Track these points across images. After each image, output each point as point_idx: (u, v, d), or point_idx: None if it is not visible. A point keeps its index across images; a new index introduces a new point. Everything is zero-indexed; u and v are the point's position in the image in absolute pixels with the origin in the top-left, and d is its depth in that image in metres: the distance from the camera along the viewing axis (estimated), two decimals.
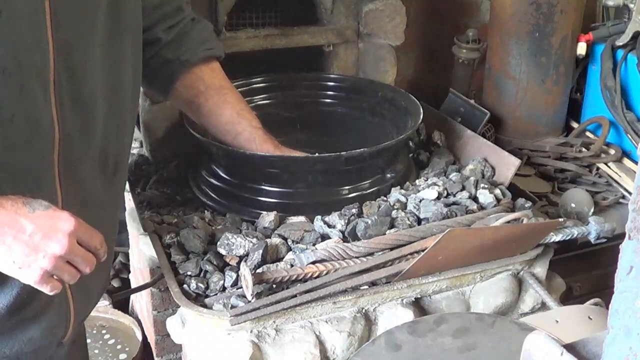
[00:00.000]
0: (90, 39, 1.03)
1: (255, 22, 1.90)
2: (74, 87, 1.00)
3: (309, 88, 1.94)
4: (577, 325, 1.32)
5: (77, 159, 1.05)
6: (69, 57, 0.98)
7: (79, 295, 1.13)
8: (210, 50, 1.45)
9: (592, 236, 1.53)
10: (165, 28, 1.36)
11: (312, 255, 1.34)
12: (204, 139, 1.55)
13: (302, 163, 1.52)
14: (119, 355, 2.15)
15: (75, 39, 0.99)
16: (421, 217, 1.51)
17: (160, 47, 1.37)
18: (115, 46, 1.09)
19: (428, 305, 1.44)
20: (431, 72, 2.55)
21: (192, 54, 1.41)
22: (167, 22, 1.36)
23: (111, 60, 1.08)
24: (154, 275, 1.64)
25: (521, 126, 2.16)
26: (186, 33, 1.40)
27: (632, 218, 0.58)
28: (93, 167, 1.10)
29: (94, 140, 1.08)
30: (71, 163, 1.04)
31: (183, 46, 1.40)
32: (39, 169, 1.00)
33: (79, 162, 1.06)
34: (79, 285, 1.06)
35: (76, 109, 1.02)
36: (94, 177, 1.11)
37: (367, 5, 1.93)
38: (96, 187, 1.12)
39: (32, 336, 1.08)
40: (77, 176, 1.06)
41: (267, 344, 1.29)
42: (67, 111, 1.00)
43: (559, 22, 2.02)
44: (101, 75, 1.06)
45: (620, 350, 0.60)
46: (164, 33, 1.36)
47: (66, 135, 1.01)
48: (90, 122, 1.06)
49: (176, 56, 1.39)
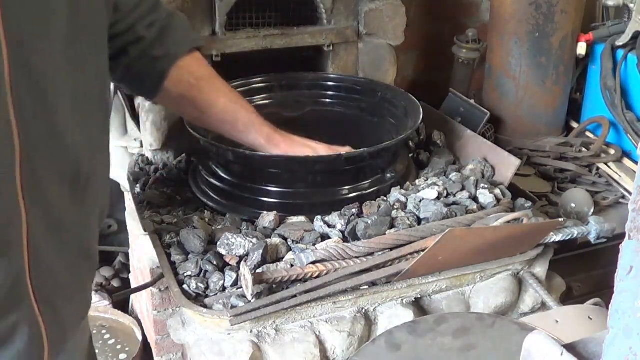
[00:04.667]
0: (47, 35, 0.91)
1: (255, 22, 1.90)
2: (36, 93, 0.88)
3: (309, 88, 1.94)
4: (577, 325, 1.32)
5: (43, 174, 0.92)
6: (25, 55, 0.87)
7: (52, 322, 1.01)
8: (194, 42, 1.45)
9: (592, 236, 1.53)
10: (146, 25, 1.32)
11: (312, 255, 1.34)
12: (204, 139, 1.55)
13: (302, 163, 1.53)
14: (119, 355, 2.15)
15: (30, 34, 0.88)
16: (421, 217, 1.51)
17: (146, 45, 1.33)
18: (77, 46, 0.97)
19: (428, 305, 1.44)
20: (431, 72, 2.55)
21: (180, 48, 1.40)
22: (146, 20, 1.33)
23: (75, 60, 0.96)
24: (154, 275, 1.64)
25: (521, 126, 2.16)
26: (168, 27, 1.38)
27: (632, 218, 0.58)
28: (62, 184, 0.96)
29: (61, 152, 0.94)
30: (36, 178, 0.90)
31: (168, 41, 1.37)
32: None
33: (46, 177, 0.92)
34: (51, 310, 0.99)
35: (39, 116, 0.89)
36: (63, 195, 0.97)
37: (367, 5, 1.93)
38: (65, 207, 0.98)
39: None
40: (43, 194, 0.93)
41: (267, 344, 1.29)
42: (28, 119, 0.87)
43: (559, 22, 2.02)
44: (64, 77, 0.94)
45: (620, 350, 0.60)
46: (146, 30, 1.32)
47: (29, 148, 0.88)
48: (56, 132, 0.93)
49: (164, 52, 1.37)
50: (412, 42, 2.36)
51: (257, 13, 1.91)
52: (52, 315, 1.00)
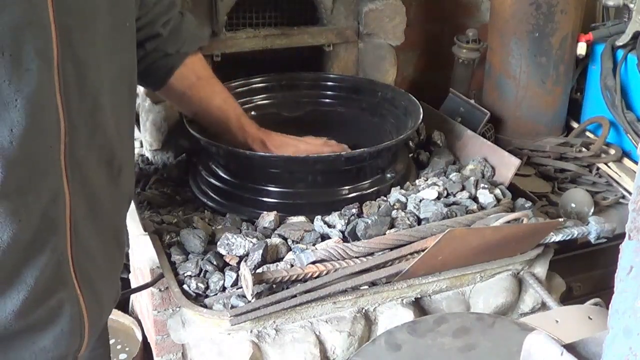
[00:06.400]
0: (92, 25, 0.99)
1: (255, 22, 1.90)
2: (79, 76, 0.96)
3: (309, 88, 1.94)
4: (577, 325, 1.32)
5: (83, 153, 0.99)
6: (72, 42, 0.94)
7: (91, 302, 1.07)
8: (201, 41, 1.52)
9: (592, 236, 1.53)
10: (162, 23, 1.39)
11: (312, 255, 1.34)
12: (204, 139, 1.55)
13: (302, 163, 1.53)
14: (119, 355, 2.15)
15: (78, 23, 0.95)
16: (421, 217, 1.51)
17: (160, 41, 1.40)
18: (117, 36, 1.05)
19: (428, 305, 1.44)
20: (431, 72, 2.55)
21: (190, 46, 1.47)
22: (163, 17, 1.39)
23: (113, 50, 1.04)
24: (154, 275, 1.64)
25: (521, 126, 2.16)
26: (180, 26, 1.44)
27: (632, 218, 0.58)
28: (100, 166, 1.04)
29: (100, 135, 1.02)
30: (78, 157, 0.98)
31: (181, 39, 1.44)
32: (44, 161, 0.94)
33: (86, 157, 1.00)
34: (90, 290, 1.05)
35: (81, 97, 0.97)
36: (100, 176, 1.04)
37: (367, 5, 1.93)
38: (102, 187, 1.05)
39: (44, 345, 1.02)
40: (83, 172, 1.00)
41: (267, 344, 1.29)
42: (73, 99, 0.95)
43: (559, 22, 2.02)
44: (104, 66, 1.01)
45: (620, 350, 0.60)
46: (162, 28, 1.39)
47: (72, 126, 0.95)
48: (96, 115, 1.00)
49: (176, 49, 1.44)
50: (412, 42, 2.36)
51: (257, 13, 1.91)
52: (91, 294, 1.06)
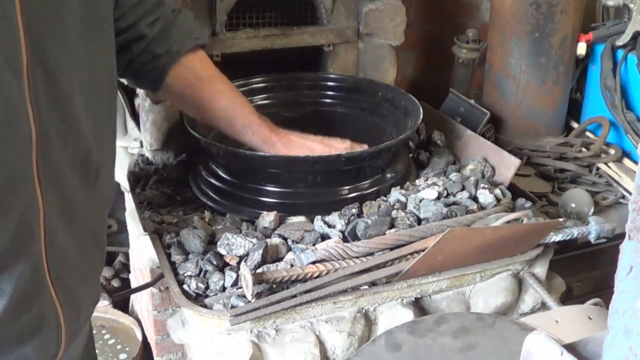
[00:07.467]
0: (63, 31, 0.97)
1: (255, 22, 1.90)
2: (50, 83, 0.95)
3: (309, 88, 1.94)
4: (577, 325, 1.32)
5: (56, 159, 0.98)
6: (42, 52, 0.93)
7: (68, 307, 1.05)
8: (197, 40, 1.44)
9: (592, 236, 1.53)
10: (148, 23, 1.34)
11: (312, 255, 1.34)
12: (204, 139, 1.55)
13: (302, 163, 1.52)
14: (119, 355, 2.15)
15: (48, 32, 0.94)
16: (421, 217, 1.51)
17: (148, 42, 1.35)
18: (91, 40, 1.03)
19: (428, 305, 1.44)
20: (431, 72, 2.55)
21: (182, 45, 1.40)
22: (149, 17, 1.34)
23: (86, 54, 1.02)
24: (154, 275, 1.64)
25: (521, 126, 2.16)
26: (171, 25, 1.38)
27: (632, 218, 0.58)
28: (74, 170, 1.03)
29: (73, 139, 1.01)
30: (51, 163, 0.97)
31: (171, 38, 1.38)
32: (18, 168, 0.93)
33: (59, 163, 0.99)
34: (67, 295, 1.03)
35: (53, 103, 0.96)
36: (75, 182, 1.03)
37: (367, 5, 1.93)
38: (77, 193, 1.04)
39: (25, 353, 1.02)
40: (57, 178, 0.99)
41: (267, 344, 1.29)
42: (44, 108, 0.94)
43: (559, 22, 2.02)
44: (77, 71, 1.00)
45: (620, 350, 0.60)
46: (148, 28, 1.34)
47: (44, 134, 0.94)
48: (68, 120, 0.99)
49: (165, 49, 1.38)
50: (412, 42, 2.36)
51: (257, 13, 1.91)
52: (68, 299, 1.04)
